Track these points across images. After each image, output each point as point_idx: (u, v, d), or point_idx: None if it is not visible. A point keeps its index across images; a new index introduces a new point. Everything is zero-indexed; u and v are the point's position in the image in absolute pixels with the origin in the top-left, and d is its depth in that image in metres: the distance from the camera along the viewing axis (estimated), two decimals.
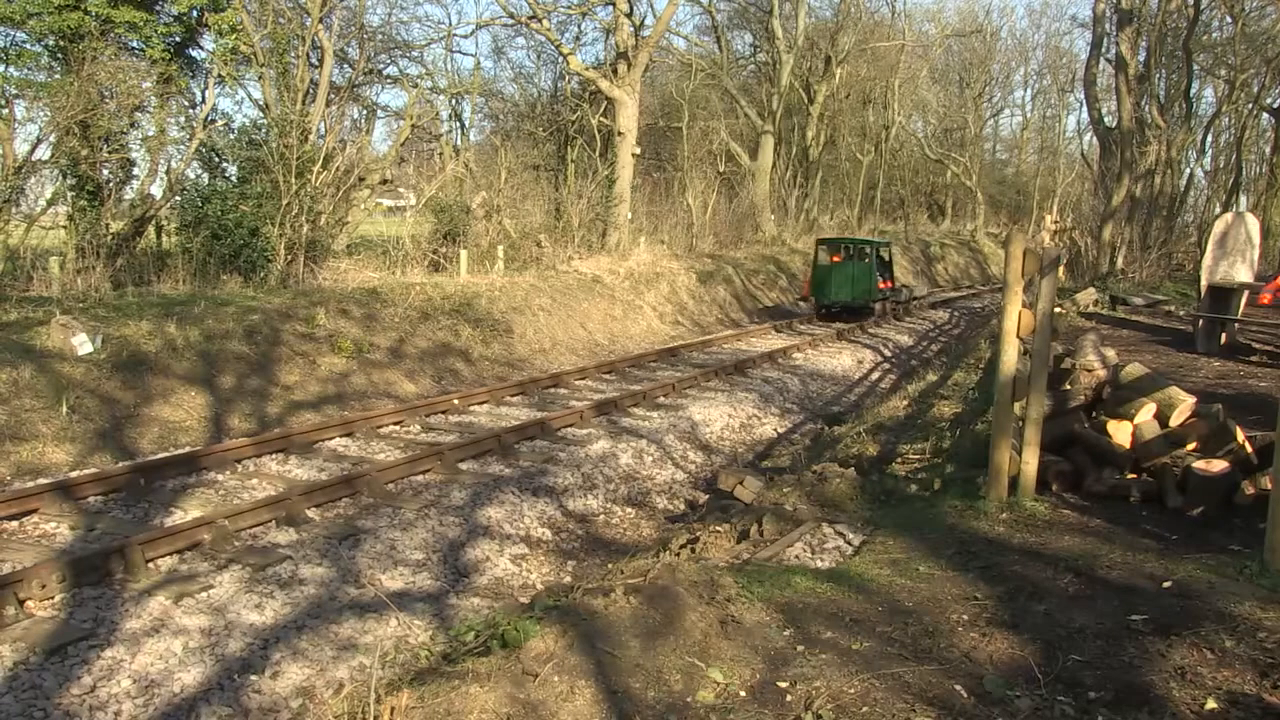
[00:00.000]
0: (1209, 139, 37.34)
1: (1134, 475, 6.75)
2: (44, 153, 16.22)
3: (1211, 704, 3.63)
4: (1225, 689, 3.73)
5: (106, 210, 16.70)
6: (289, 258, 16.73)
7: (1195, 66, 30.75)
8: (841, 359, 18.41)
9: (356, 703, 3.63)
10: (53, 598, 6.20)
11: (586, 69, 27.20)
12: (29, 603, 6.09)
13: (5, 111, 16.46)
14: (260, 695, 5.51)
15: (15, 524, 7.65)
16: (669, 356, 17.35)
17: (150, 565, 6.82)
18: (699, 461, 11.42)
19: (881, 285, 24.30)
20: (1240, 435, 6.62)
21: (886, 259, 25.44)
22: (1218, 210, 28.54)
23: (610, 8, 26.76)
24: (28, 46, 17.37)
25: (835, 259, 24.31)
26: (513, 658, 3.96)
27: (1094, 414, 7.42)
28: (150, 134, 18.94)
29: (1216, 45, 33.07)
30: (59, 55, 17.16)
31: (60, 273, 13.56)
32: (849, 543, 6.22)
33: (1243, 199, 32.96)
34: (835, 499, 7.43)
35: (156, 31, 18.26)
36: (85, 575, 6.44)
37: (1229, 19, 30.92)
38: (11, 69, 17.27)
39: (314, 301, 14.56)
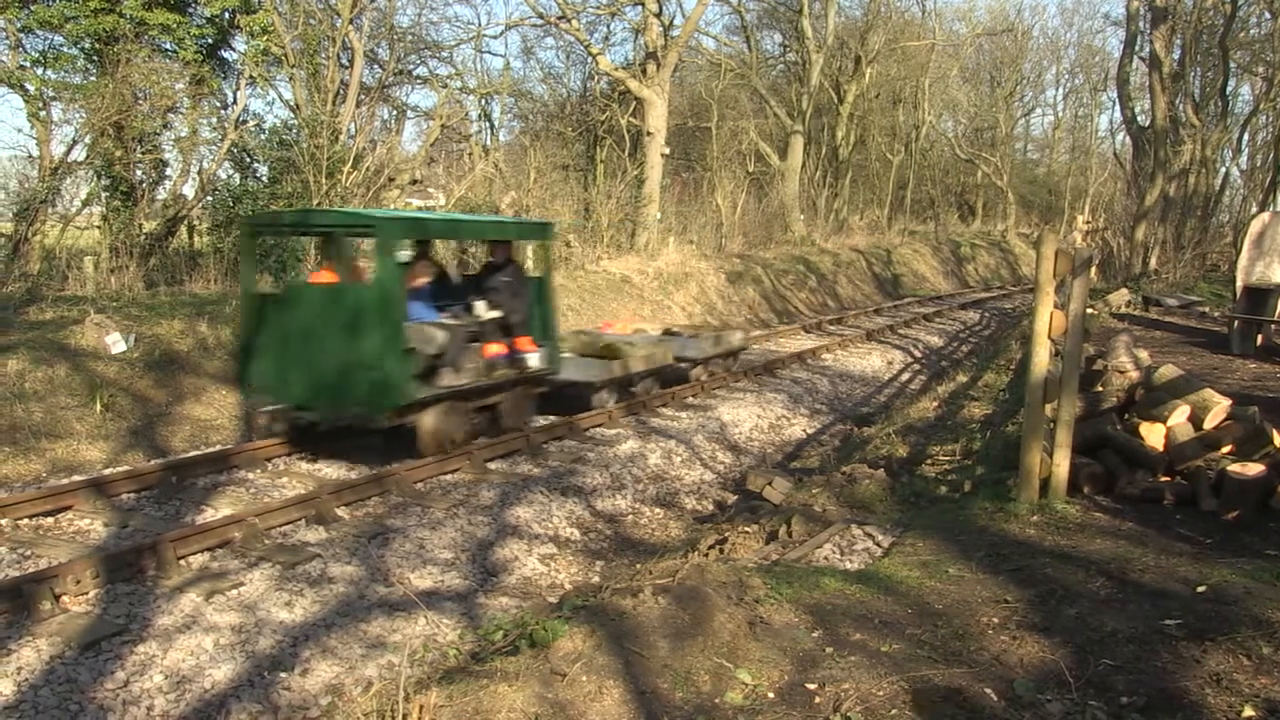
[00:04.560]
0: (1245, 137, 36.86)
1: (1167, 478, 6.67)
2: (79, 154, 16.44)
3: (1249, 711, 3.58)
4: (1263, 696, 3.68)
5: (140, 210, 16.88)
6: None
7: (1232, 64, 30.37)
8: (871, 360, 18.32)
9: (385, 700, 3.65)
10: (87, 593, 6.27)
11: (616, 69, 27.23)
12: (64, 598, 6.16)
13: (43, 113, 16.68)
14: (290, 692, 5.55)
15: (51, 520, 7.75)
16: None
17: (182, 562, 6.89)
18: (728, 462, 11.39)
19: (488, 352, 10.44)
20: (1277, 438, 6.53)
21: (521, 277, 11.13)
22: (1254, 210, 28.17)
23: (639, 8, 26.77)
24: (64, 49, 17.58)
25: (324, 278, 10.28)
26: (541, 657, 3.97)
27: (1126, 416, 7.35)
28: (183, 135, 19.13)
29: (1254, 42, 32.64)
30: (94, 58, 17.36)
31: (94, 272, 13.71)
32: (878, 544, 6.18)
33: None
34: (865, 500, 7.40)
35: (189, 33, 18.43)
36: (118, 572, 6.51)
37: (1268, 15, 30.52)
38: (49, 71, 17.49)
39: None
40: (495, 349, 10.53)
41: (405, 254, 10.23)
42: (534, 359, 10.98)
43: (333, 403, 9.21)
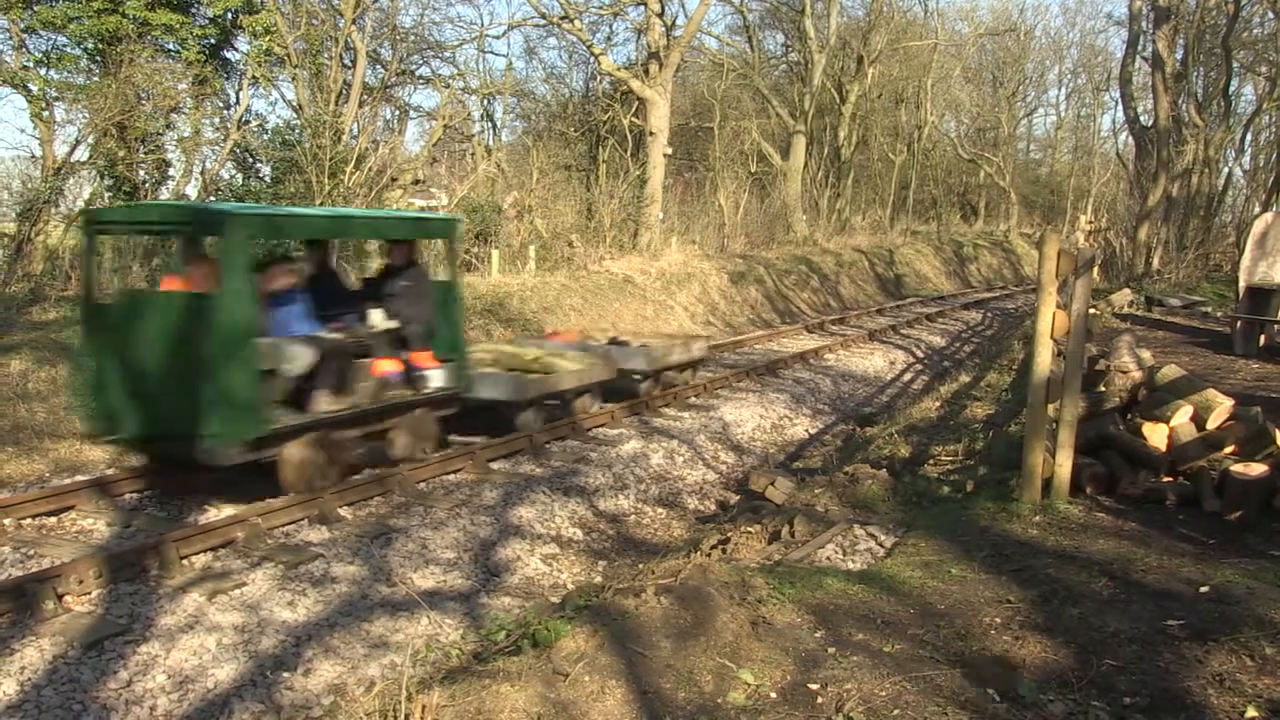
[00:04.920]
0: (1248, 137, 36.82)
1: (1170, 478, 6.66)
2: (82, 154, 16.46)
3: (1252, 712, 3.58)
4: (1266, 697, 3.68)
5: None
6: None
7: (1235, 64, 30.32)
8: (874, 360, 18.32)
9: (388, 700, 3.65)
10: (90, 593, 6.28)
11: (618, 69, 27.23)
12: (67, 598, 6.16)
13: (46, 114, 16.70)
14: (293, 692, 5.55)
15: (54, 520, 7.75)
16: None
17: (185, 562, 6.89)
18: (730, 462, 11.39)
19: (379, 370, 9.07)
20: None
21: (423, 283, 9.79)
22: (1257, 210, 28.15)
23: (642, 8, 26.77)
24: (68, 50, 17.61)
25: (171, 284, 8.44)
26: (544, 657, 3.97)
27: (1129, 416, 7.34)
28: (185, 135, 19.15)
29: (1257, 42, 32.60)
30: (97, 58, 17.38)
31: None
32: (881, 544, 6.18)
33: None
34: (867, 500, 7.39)
35: (192, 34, 18.45)
36: (121, 571, 6.51)
37: (1271, 14, 30.48)
38: (52, 72, 17.52)
39: None
40: (387, 366, 9.13)
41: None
42: (436, 377, 9.56)
43: (170, 434, 7.65)
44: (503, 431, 10.55)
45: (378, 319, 9.23)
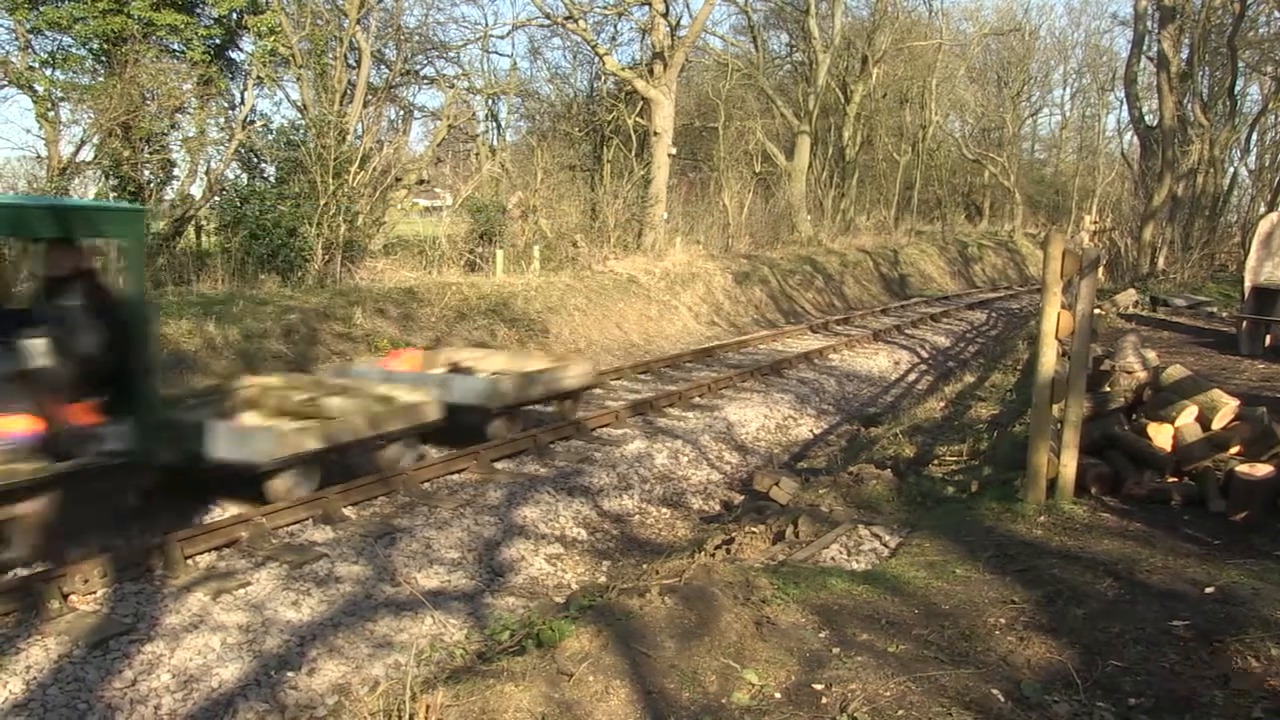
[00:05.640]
0: (1254, 137, 36.72)
1: (1175, 479, 6.65)
2: (87, 154, 16.54)
3: (1258, 713, 3.57)
4: (1272, 698, 3.67)
5: (147, 211, 16.95)
6: (326, 257, 16.87)
7: (1240, 63, 30.25)
8: (878, 360, 18.29)
9: (392, 700, 3.65)
10: (95, 592, 6.29)
11: (623, 69, 27.22)
12: (72, 597, 6.18)
13: (51, 114, 16.75)
14: (297, 692, 5.56)
15: None
16: (705, 357, 17.32)
17: (189, 562, 6.90)
18: (734, 462, 11.38)
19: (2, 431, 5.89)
20: None
21: (99, 302, 6.70)
22: (1262, 210, 28.08)
23: (646, 8, 26.75)
24: (73, 50, 17.66)
25: None
26: (548, 657, 3.97)
27: (1134, 416, 7.33)
28: (190, 135, 19.22)
29: (1263, 41, 32.50)
30: (103, 58, 17.44)
31: None
32: (885, 544, 6.17)
33: None
34: (871, 500, 7.39)
35: (197, 34, 18.51)
36: (126, 571, 6.52)
37: (1277, 14, 30.40)
38: (57, 72, 17.57)
39: (351, 301, 14.67)
40: (15, 426, 6.18)
41: None
42: (105, 438, 6.60)
43: None
44: (256, 501, 7.95)
45: (35, 351, 6.33)
